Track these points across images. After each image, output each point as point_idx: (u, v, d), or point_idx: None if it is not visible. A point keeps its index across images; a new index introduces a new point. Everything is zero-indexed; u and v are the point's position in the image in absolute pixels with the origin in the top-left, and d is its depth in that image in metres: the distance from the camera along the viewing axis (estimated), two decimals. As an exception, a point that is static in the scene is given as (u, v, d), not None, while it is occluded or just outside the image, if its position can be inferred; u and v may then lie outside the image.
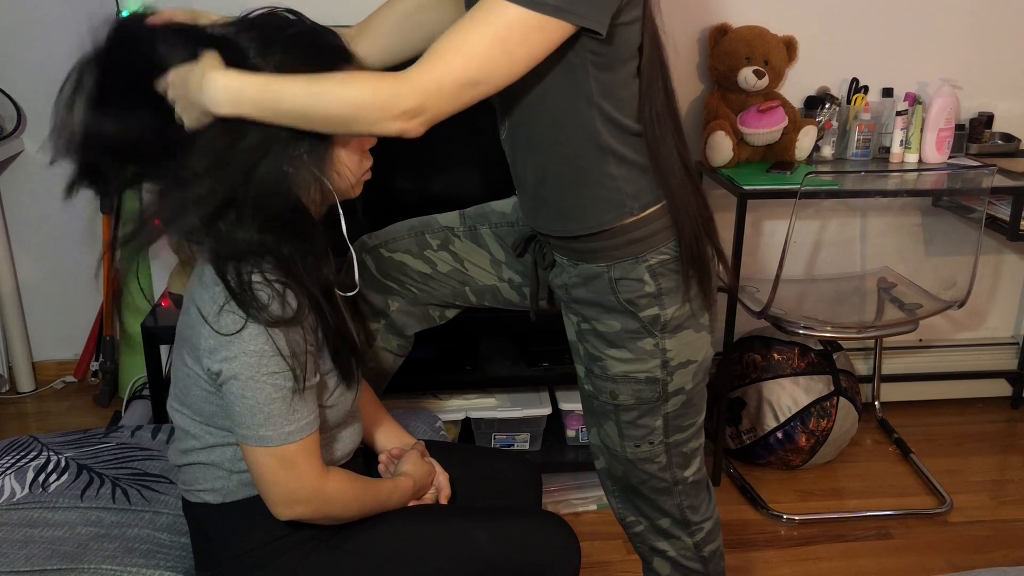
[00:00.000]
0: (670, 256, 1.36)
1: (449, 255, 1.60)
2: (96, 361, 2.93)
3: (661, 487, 1.51)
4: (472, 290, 1.62)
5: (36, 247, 2.83)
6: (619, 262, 1.36)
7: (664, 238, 1.35)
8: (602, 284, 1.38)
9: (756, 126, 2.36)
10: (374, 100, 1.13)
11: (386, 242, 1.61)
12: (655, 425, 1.44)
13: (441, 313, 1.68)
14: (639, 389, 1.41)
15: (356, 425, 1.37)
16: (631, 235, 1.34)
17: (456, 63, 1.13)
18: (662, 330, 1.37)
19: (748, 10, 2.49)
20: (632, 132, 1.31)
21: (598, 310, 1.40)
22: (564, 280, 1.44)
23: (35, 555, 1.36)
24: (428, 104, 1.14)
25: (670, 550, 1.58)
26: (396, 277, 1.61)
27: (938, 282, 2.47)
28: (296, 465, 1.18)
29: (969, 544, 2.28)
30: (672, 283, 1.36)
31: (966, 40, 2.62)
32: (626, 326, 1.38)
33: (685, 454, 1.49)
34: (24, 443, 1.65)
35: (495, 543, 1.34)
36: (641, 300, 1.36)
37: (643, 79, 1.28)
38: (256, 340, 1.13)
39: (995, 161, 2.45)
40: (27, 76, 2.65)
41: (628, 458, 1.48)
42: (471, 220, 1.61)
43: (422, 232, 1.61)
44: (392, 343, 1.67)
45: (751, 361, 2.49)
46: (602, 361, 1.42)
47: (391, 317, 1.64)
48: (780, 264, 2.21)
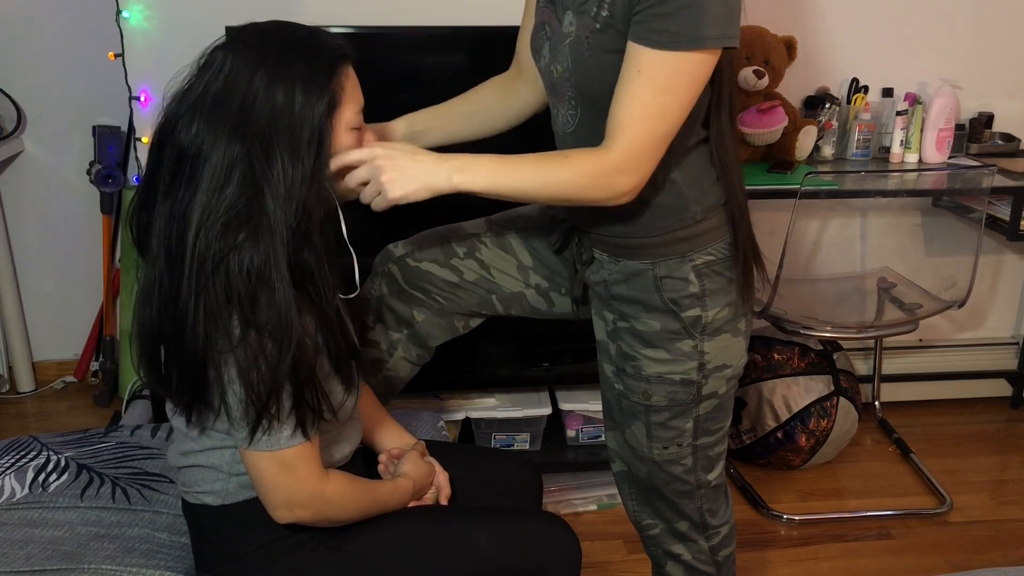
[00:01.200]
0: (715, 257, 1.37)
1: (476, 263, 1.59)
2: (96, 361, 2.93)
3: (684, 490, 1.50)
4: (498, 298, 1.61)
5: (36, 247, 2.83)
6: (665, 260, 1.36)
7: (711, 239, 1.36)
8: (645, 281, 1.37)
9: (756, 126, 2.36)
10: (594, 183, 1.25)
11: (412, 251, 1.60)
12: (685, 427, 1.44)
13: (465, 323, 1.66)
14: (673, 391, 1.41)
15: (356, 427, 1.37)
16: (680, 234, 1.35)
17: (644, 128, 1.21)
18: (702, 332, 1.37)
19: (748, 10, 2.46)
20: (697, 139, 1.33)
21: (638, 308, 1.39)
22: (603, 276, 1.43)
23: (35, 555, 1.36)
24: (641, 178, 1.25)
25: (685, 553, 1.58)
26: (422, 287, 1.60)
27: (938, 282, 2.47)
28: (295, 469, 1.18)
29: (969, 544, 2.28)
30: (716, 285, 1.37)
31: (966, 40, 2.62)
32: (666, 326, 1.38)
33: (710, 457, 1.49)
34: (24, 443, 1.65)
35: (495, 543, 1.33)
36: (684, 300, 1.36)
37: (715, 88, 1.30)
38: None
39: (995, 161, 2.44)
40: (27, 76, 2.65)
41: (654, 459, 1.48)
42: (498, 226, 1.60)
43: (448, 240, 1.60)
44: (412, 353, 1.65)
45: (751, 361, 2.49)
46: (636, 361, 1.41)
47: (415, 327, 1.62)
48: (780, 264, 2.21)
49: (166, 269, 1.15)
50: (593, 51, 1.26)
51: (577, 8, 1.28)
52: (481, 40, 2.14)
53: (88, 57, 2.58)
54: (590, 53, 1.27)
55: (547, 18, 1.37)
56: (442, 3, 2.23)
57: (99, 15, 2.39)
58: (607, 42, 1.24)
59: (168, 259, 1.14)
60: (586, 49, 1.27)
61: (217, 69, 1.15)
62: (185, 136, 1.13)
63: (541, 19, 1.39)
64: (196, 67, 1.17)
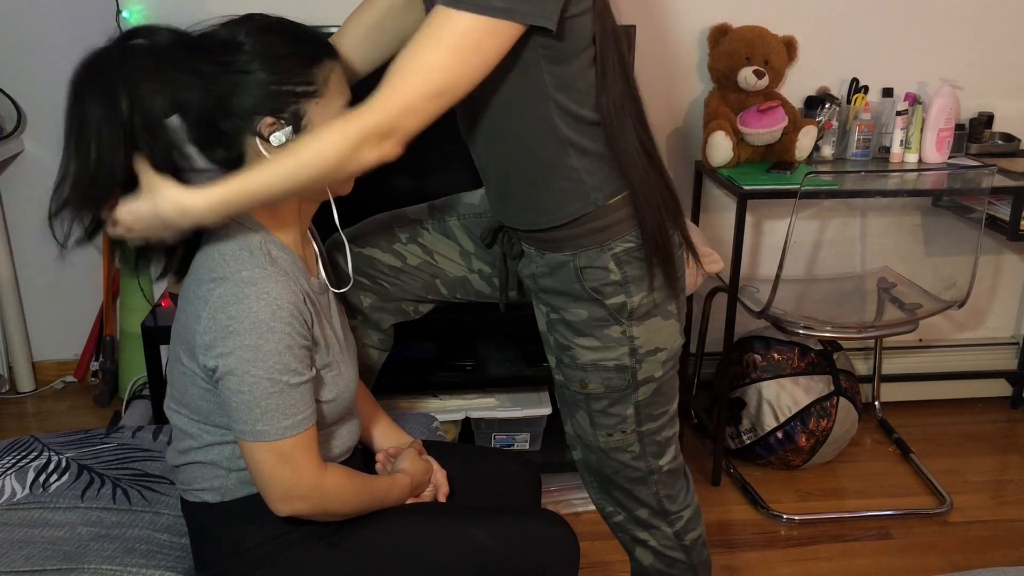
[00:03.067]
0: (635, 244, 1.36)
1: (418, 248, 1.61)
2: (96, 361, 2.93)
3: (636, 476, 1.51)
4: (443, 282, 1.63)
5: (36, 247, 2.83)
6: (584, 250, 1.36)
7: (628, 226, 1.36)
8: (568, 273, 1.38)
9: (756, 126, 2.36)
10: (347, 141, 1.14)
11: (356, 237, 1.61)
12: (626, 414, 1.45)
13: (415, 307, 1.68)
14: (608, 377, 1.42)
15: (354, 422, 1.37)
16: (595, 224, 1.35)
17: (416, 80, 1.14)
18: (629, 317, 1.38)
19: (748, 10, 2.49)
20: (591, 122, 1.30)
21: (565, 299, 1.41)
22: (532, 270, 1.45)
23: (35, 555, 1.36)
24: (398, 124, 1.15)
25: (651, 540, 1.59)
26: (367, 272, 1.62)
27: (938, 282, 2.47)
28: (294, 460, 1.18)
29: (969, 544, 2.28)
30: (638, 271, 1.37)
31: (966, 40, 2.62)
32: (593, 314, 1.39)
33: (659, 443, 1.50)
34: (24, 443, 1.65)
35: (495, 542, 1.33)
36: (607, 288, 1.37)
37: (598, 69, 1.28)
38: (251, 335, 1.14)
39: (995, 161, 2.45)
40: (27, 76, 2.65)
41: (601, 447, 1.49)
42: (440, 212, 1.62)
43: (391, 226, 1.62)
44: (373, 338, 1.68)
45: (751, 361, 2.49)
46: (571, 350, 1.43)
47: (365, 313, 1.65)
48: (780, 264, 2.21)
49: None
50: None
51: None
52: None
53: (88, 57, 2.58)
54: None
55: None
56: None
57: (99, 15, 2.40)
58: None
59: None
60: None
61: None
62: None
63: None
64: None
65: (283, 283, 1.17)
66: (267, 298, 1.14)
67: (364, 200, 1.33)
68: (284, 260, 1.21)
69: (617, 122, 1.30)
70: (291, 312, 1.16)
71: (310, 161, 1.14)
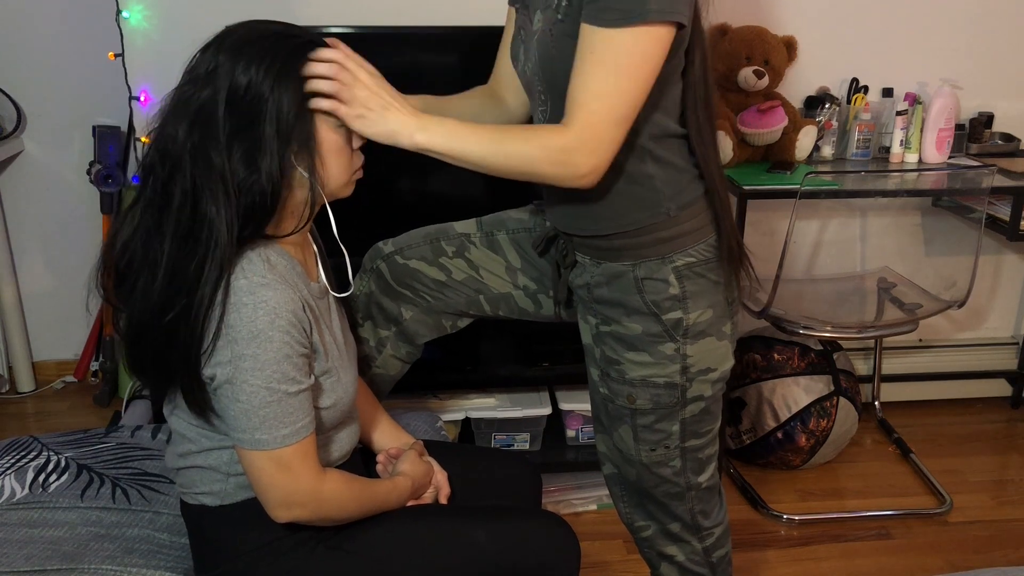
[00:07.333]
0: (696, 259, 1.36)
1: (464, 262, 1.59)
2: (96, 361, 2.93)
3: (674, 492, 1.50)
4: (486, 298, 1.61)
5: (36, 247, 2.83)
6: (645, 261, 1.36)
7: (692, 240, 1.36)
8: (627, 283, 1.37)
9: (756, 126, 2.36)
10: (551, 158, 1.23)
11: (401, 249, 1.60)
12: (672, 430, 1.43)
13: (453, 323, 1.67)
14: (657, 394, 1.40)
15: (353, 426, 1.37)
16: (660, 234, 1.35)
17: (598, 108, 1.20)
18: (684, 335, 1.37)
19: (748, 10, 2.49)
20: (673, 134, 1.32)
21: (620, 311, 1.39)
22: (586, 279, 1.43)
23: (35, 555, 1.36)
24: (599, 160, 1.23)
25: (679, 555, 1.57)
26: (410, 284, 1.60)
27: (938, 282, 2.47)
28: (292, 468, 1.18)
29: (969, 544, 2.28)
30: (697, 287, 1.36)
31: (966, 40, 2.62)
32: (648, 329, 1.37)
33: (700, 460, 1.49)
34: (24, 443, 1.65)
35: (495, 543, 1.33)
36: (666, 302, 1.36)
37: (690, 82, 1.30)
38: (249, 344, 1.13)
39: (995, 161, 2.45)
40: (27, 76, 2.65)
41: (643, 462, 1.47)
42: (488, 227, 1.61)
43: (438, 239, 1.60)
44: (401, 350, 1.66)
45: (751, 361, 2.49)
46: (620, 364, 1.41)
47: (403, 324, 1.63)
48: (780, 264, 2.21)
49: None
50: (556, 42, 1.27)
51: (543, 5, 1.31)
52: (479, 40, 2.13)
53: (88, 57, 2.58)
54: (554, 44, 1.28)
55: (521, 23, 1.39)
56: (440, 3, 2.23)
57: (99, 15, 2.39)
58: (569, 30, 1.24)
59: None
60: (550, 40, 1.28)
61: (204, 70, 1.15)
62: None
63: (517, 26, 1.41)
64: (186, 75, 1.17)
65: (282, 291, 1.16)
66: (265, 307, 1.14)
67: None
68: (283, 266, 1.20)
69: (705, 134, 1.33)
70: (289, 320, 1.15)
71: (509, 152, 1.24)
